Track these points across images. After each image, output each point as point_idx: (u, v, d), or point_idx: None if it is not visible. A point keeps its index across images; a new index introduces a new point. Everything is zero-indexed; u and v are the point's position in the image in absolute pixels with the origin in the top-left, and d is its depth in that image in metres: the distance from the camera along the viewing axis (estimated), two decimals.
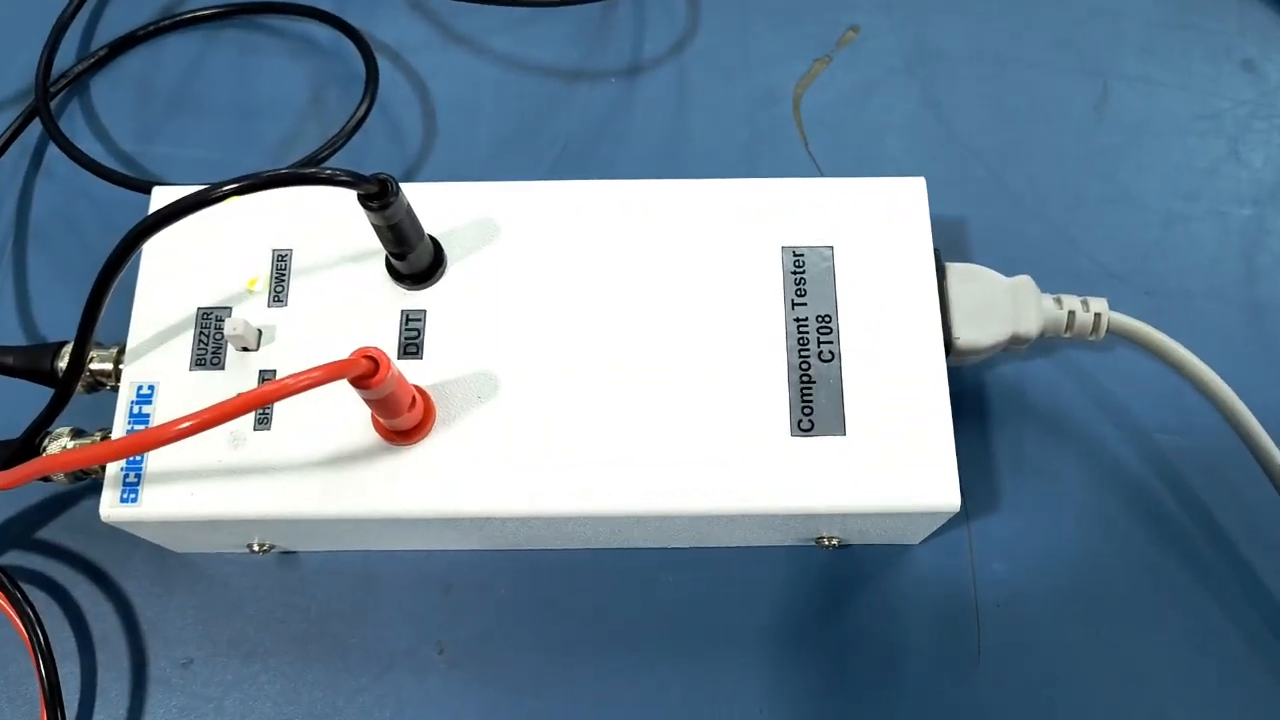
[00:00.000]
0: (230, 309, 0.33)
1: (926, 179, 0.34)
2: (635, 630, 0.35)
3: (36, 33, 0.41)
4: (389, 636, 0.34)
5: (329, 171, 0.28)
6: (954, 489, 0.31)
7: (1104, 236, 0.40)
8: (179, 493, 0.31)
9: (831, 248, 0.33)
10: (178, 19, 0.43)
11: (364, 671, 0.34)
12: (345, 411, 0.31)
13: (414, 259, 0.32)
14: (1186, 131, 0.41)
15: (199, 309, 0.33)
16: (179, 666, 0.34)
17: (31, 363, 0.34)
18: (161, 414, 0.31)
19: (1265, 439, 0.34)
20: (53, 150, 0.40)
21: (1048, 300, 0.35)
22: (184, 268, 0.33)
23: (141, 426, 0.31)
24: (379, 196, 0.29)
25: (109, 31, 0.43)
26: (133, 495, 0.31)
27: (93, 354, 0.33)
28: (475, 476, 0.31)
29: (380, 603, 0.35)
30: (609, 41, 0.43)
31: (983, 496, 0.36)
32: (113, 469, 0.31)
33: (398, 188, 0.29)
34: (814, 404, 0.31)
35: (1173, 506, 0.36)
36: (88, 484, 0.35)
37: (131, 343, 0.32)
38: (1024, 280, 0.35)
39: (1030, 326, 0.34)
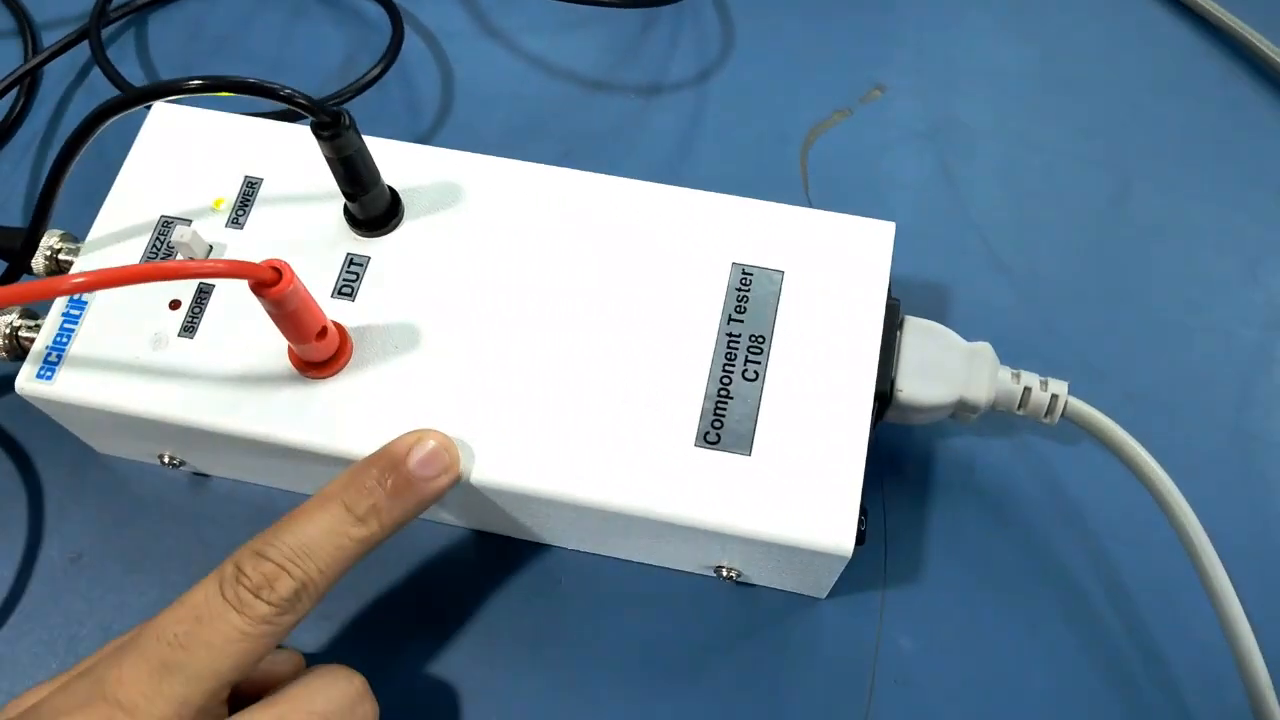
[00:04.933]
0: (190, 221, 0.34)
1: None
2: (506, 623, 0.33)
3: None
4: None
5: (288, 90, 0.29)
6: (850, 533, 0.29)
7: (1095, 331, 0.38)
8: (93, 381, 0.31)
9: (782, 273, 0.33)
10: None
11: None
12: (269, 337, 0.31)
13: (366, 203, 0.32)
14: (1205, 244, 0.40)
15: (161, 216, 0.34)
16: (67, 559, 0.34)
17: (3, 240, 0.35)
18: (98, 306, 0.32)
19: (1218, 569, 0.31)
20: (97, 71, 0.43)
21: (1005, 372, 0.33)
22: (159, 179, 0.34)
23: (77, 312, 0.32)
24: (329, 127, 0.29)
25: None
26: (49, 373, 0.31)
27: (63, 245, 0.35)
28: (373, 421, 0.30)
29: None
30: (638, 58, 0.44)
31: (905, 565, 0.34)
32: (38, 346, 0.32)
33: (352, 123, 0.30)
34: (725, 419, 0.30)
35: (1112, 623, 0.33)
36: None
37: (92, 235, 0.33)
38: (983, 346, 0.33)
39: (980, 394, 0.33)
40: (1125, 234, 0.40)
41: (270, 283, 0.27)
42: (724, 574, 0.33)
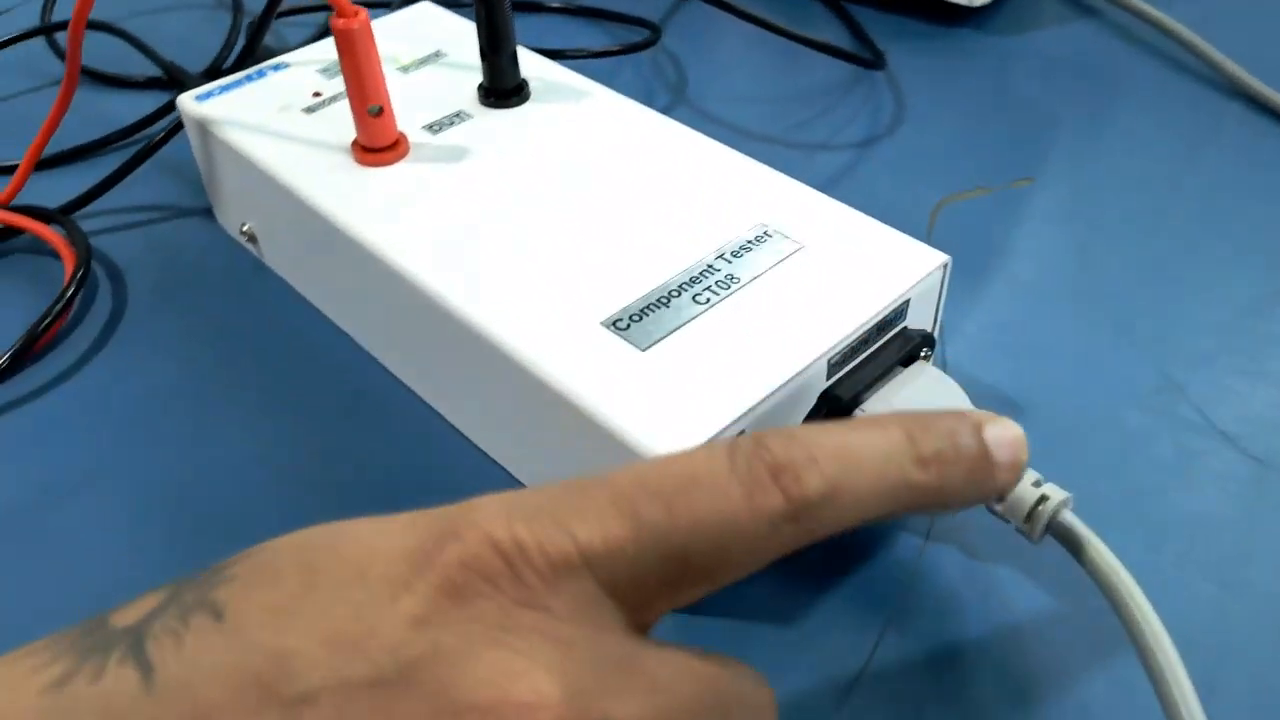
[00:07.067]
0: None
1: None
2: None
3: None
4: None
5: None
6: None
7: (1224, 399, 0.33)
8: (227, 115, 0.37)
9: (802, 247, 0.30)
10: None
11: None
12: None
13: (497, 66, 0.36)
14: None
15: None
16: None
17: None
18: (268, 81, 0.39)
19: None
20: None
21: None
22: (395, 38, 0.41)
23: (250, 83, 0.39)
24: None
25: None
26: (205, 98, 0.38)
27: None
28: (399, 212, 0.32)
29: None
30: (815, 123, 0.46)
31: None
32: (210, 85, 0.39)
33: None
34: (645, 317, 0.28)
35: None
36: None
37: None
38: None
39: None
40: (1269, 323, 0.36)
41: (346, 13, 0.31)
42: None
